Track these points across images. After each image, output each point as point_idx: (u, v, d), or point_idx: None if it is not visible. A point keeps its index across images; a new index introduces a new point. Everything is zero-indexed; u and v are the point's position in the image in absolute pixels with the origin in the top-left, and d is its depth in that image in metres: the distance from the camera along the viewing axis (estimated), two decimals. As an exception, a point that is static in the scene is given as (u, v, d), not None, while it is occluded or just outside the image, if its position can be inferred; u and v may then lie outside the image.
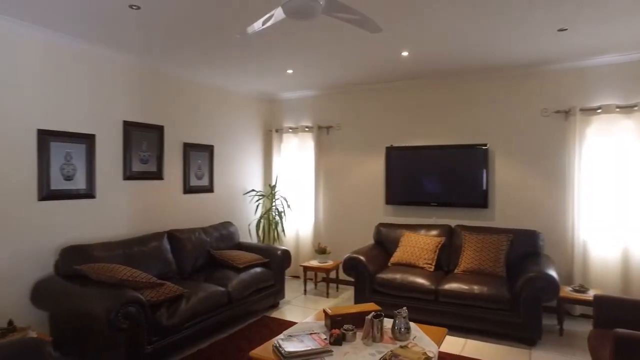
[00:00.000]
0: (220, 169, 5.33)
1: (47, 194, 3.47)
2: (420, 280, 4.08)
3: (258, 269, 4.42)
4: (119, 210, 4.05)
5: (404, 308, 2.93)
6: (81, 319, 3.02)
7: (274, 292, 4.57)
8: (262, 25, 2.62)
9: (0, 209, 3.19)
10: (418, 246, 4.54)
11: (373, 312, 2.87)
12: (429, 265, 4.40)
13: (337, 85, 5.43)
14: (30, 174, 3.37)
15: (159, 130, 4.44)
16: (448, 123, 4.96)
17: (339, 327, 2.85)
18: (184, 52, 3.99)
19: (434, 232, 4.71)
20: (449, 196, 4.86)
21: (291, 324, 4.01)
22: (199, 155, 4.99)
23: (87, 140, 3.76)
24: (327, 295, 5.10)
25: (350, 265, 4.39)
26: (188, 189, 4.84)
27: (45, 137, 3.45)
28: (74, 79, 3.66)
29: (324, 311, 3.07)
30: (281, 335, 2.81)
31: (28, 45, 3.34)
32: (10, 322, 2.96)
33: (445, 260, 4.58)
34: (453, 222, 4.87)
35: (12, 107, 3.25)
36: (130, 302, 2.91)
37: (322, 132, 5.81)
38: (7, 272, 3.22)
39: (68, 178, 3.62)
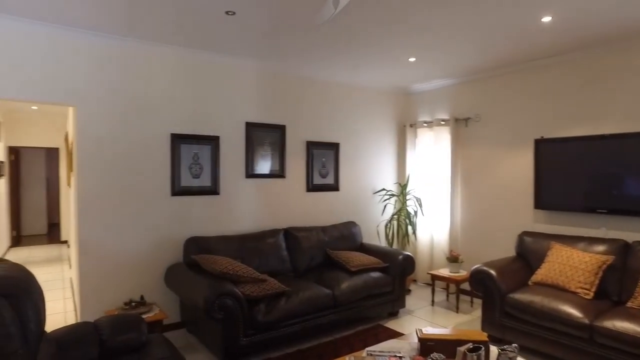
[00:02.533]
0: (346, 166, 5.23)
1: (178, 190, 3.94)
2: (569, 310, 3.16)
3: (374, 274, 4.15)
4: (241, 206, 4.33)
5: (514, 345, 2.30)
6: (192, 303, 3.31)
7: (391, 300, 4.23)
8: (335, 9, 2.39)
9: (143, 202, 3.75)
10: (571, 264, 3.56)
11: (471, 344, 2.33)
12: (586, 291, 3.40)
13: (471, 71, 4.71)
14: (165, 173, 3.88)
15: (280, 129, 4.59)
16: (617, 105, 3.76)
17: (427, 353, 2.42)
18: (301, 52, 4.02)
19: (598, 248, 3.63)
20: (624, 201, 3.68)
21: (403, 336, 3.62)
22: (323, 153, 4.99)
23: (212, 141, 4.12)
24: (457, 309, 4.47)
25: (478, 279, 3.74)
26: (311, 187, 4.88)
27: (177, 140, 3.91)
28: (199, 86, 4.06)
29: (417, 331, 2.65)
30: (363, 352, 2.54)
31: (161, 62, 3.84)
32: (142, 297, 3.44)
33: (614, 287, 3.47)
34: (630, 237, 3.68)
35: (150, 115, 3.79)
36: (225, 295, 3.04)
37: (460, 125, 5.13)
38: (147, 255, 3.77)
39: (196, 176, 4.04)
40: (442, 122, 5.26)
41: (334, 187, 5.11)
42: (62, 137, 8.24)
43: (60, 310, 4.40)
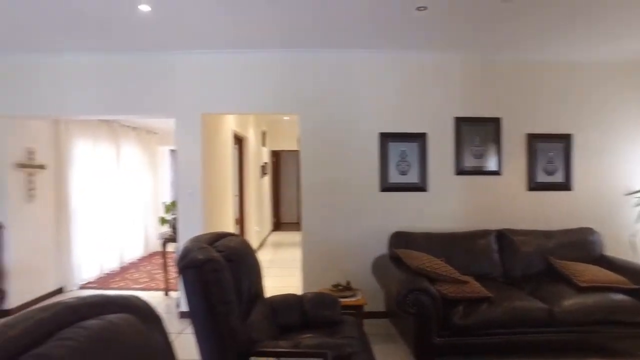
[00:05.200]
0: (582, 162, 4.35)
1: (386, 186, 4.14)
2: None
3: (616, 296, 3.34)
4: (449, 204, 4.20)
5: None
6: (389, 295, 3.45)
7: (645, 332, 3.31)
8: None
9: (355, 196, 4.13)
10: None
11: None
12: None
13: None
14: (374, 170, 4.15)
15: (494, 122, 4.22)
16: None
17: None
18: (511, 36, 3.63)
19: None
20: None
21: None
22: (550, 147, 4.31)
23: (419, 138, 4.15)
24: None
25: None
26: (533, 186, 4.30)
27: (385, 139, 4.12)
28: (405, 85, 4.16)
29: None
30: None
31: (366, 66, 4.14)
32: (348, 283, 3.79)
33: None
34: None
35: (361, 117, 4.13)
36: (417, 290, 3.04)
37: None
38: (356, 245, 4.13)
39: (403, 173, 4.15)
40: None
41: (564, 186, 4.35)
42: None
43: (294, 284, 5.27)
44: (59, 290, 5.17)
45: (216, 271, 1.92)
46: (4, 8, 3.05)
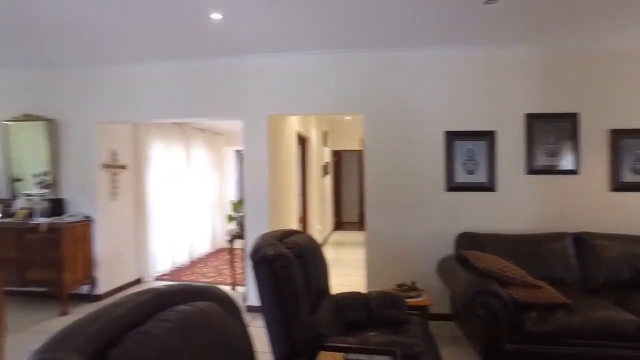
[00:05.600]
0: (677, 161, 3.96)
1: (452, 185, 4.04)
2: None
3: None
4: (520, 204, 4.00)
5: None
6: (456, 296, 3.35)
7: None
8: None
9: (419, 196, 4.07)
10: None
11: None
12: None
13: None
14: (439, 169, 4.06)
15: (571, 118, 3.95)
16: None
17: None
18: (589, 24, 3.39)
19: None
20: None
21: None
22: (639, 144, 3.96)
23: (487, 136, 3.99)
24: None
25: None
26: (617, 186, 3.97)
27: (451, 138, 4.02)
28: (471, 83, 4.02)
29: None
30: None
31: (431, 64, 4.05)
32: (413, 283, 3.74)
33: None
34: None
35: (425, 116, 4.06)
36: (487, 292, 2.93)
37: None
38: (421, 245, 4.06)
39: (470, 172, 4.02)
40: None
41: (655, 187, 3.97)
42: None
43: (356, 283, 5.28)
44: (138, 281, 5.59)
45: (287, 267, 1.99)
46: (93, 29, 3.37)
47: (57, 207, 4.77)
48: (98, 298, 4.83)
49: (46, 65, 4.76)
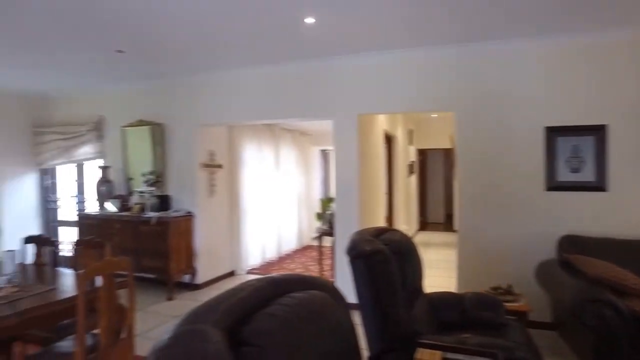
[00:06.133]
0: None
1: (553, 184, 3.76)
2: None
3: None
4: (637, 206, 3.60)
5: None
6: (560, 304, 3.12)
7: None
8: None
9: (516, 196, 3.86)
10: None
11: None
12: None
13: None
14: (538, 167, 3.80)
15: (702, 109, 3.46)
16: None
17: None
18: None
19: None
20: None
21: None
22: None
23: (597, 131, 3.65)
24: None
25: None
26: None
27: (552, 133, 3.74)
28: (572, 73, 3.70)
29: None
30: None
31: (525, 57, 3.80)
32: (509, 286, 3.54)
33: None
34: None
35: (521, 111, 3.83)
36: (601, 301, 2.68)
37: None
38: (518, 248, 3.84)
39: (574, 170, 3.71)
40: None
41: None
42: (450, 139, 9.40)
43: (444, 285, 5.10)
44: (231, 273, 5.97)
45: (383, 262, 2.02)
46: (197, 41, 3.69)
47: (164, 203, 5.28)
48: (198, 287, 5.25)
49: (157, 77, 5.30)
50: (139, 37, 3.77)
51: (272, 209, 7.10)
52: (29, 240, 3.43)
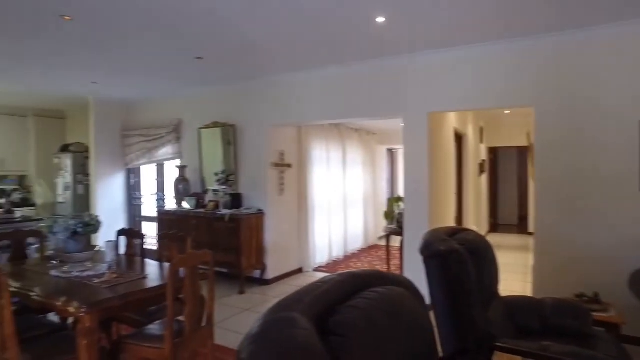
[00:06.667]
0: None
1: (648, 185, 3.43)
2: None
3: None
4: None
5: None
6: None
7: None
8: None
9: (604, 197, 3.57)
10: None
11: None
12: None
13: None
14: (631, 164, 3.48)
15: None
16: None
17: None
18: None
19: None
20: None
21: None
22: None
23: (701, 125, 3.27)
24: None
25: None
26: None
27: (647, 128, 3.41)
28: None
29: None
30: None
31: (626, 41, 3.47)
32: (596, 295, 3.29)
33: None
34: None
35: (616, 104, 3.52)
36: None
37: None
38: (606, 254, 3.55)
39: (674, 169, 3.36)
40: None
41: None
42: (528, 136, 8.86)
43: (518, 290, 4.87)
44: (299, 270, 6.11)
45: (459, 262, 1.98)
46: (269, 44, 3.84)
47: (236, 200, 5.54)
48: (267, 282, 5.45)
49: (230, 80, 5.58)
50: (216, 45, 4.02)
51: (339, 208, 7.17)
52: (121, 232, 3.77)
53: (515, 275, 5.70)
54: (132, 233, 3.71)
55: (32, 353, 2.23)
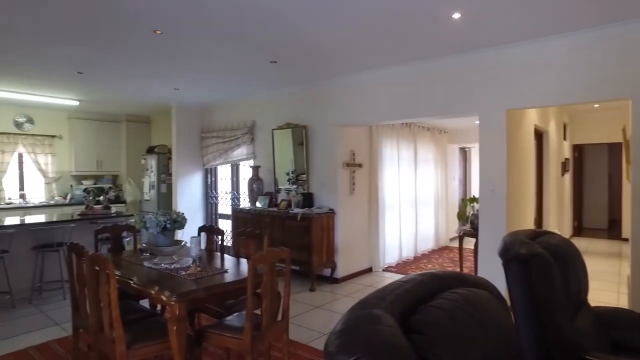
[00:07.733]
0: None
1: None
2: None
3: None
4: None
5: None
6: None
7: None
8: None
9: None
10: None
11: None
12: None
13: None
14: None
15: None
16: None
17: None
18: None
19: None
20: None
21: None
22: None
23: None
24: None
25: None
26: None
27: None
28: None
29: None
30: None
31: None
32: None
33: None
34: None
35: None
36: None
37: None
38: None
39: None
40: None
41: None
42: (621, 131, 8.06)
43: (612, 302, 4.46)
44: (369, 269, 6.11)
45: (542, 267, 1.87)
46: (340, 45, 3.89)
47: (307, 200, 5.67)
48: (337, 281, 5.51)
49: (302, 81, 5.73)
50: (290, 48, 4.16)
51: (409, 208, 7.06)
52: (201, 229, 4.03)
53: (606, 284, 5.24)
54: (212, 230, 3.95)
55: (132, 333, 2.48)
